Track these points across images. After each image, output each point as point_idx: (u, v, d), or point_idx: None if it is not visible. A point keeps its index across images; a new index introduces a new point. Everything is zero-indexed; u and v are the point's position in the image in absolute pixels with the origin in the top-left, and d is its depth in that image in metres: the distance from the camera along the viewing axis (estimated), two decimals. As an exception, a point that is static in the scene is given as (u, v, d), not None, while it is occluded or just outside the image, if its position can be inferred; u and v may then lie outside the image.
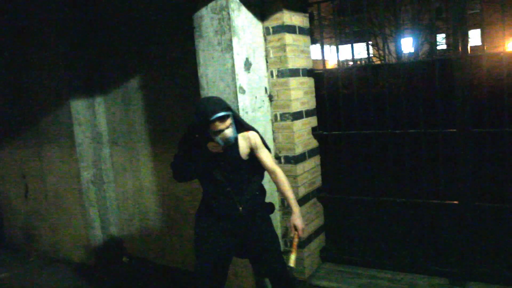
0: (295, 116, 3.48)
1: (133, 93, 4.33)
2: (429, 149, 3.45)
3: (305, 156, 3.61)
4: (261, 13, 3.42)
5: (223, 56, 3.15)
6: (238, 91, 3.12)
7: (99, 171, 4.54)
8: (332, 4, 3.63)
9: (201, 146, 2.60)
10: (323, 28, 3.87)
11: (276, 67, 3.45)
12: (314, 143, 3.77)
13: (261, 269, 2.83)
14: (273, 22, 3.40)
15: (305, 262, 3.60)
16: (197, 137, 2.57)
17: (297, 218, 2.57)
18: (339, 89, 3.69)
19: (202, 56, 3.25)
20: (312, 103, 3.77)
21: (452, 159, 3.32)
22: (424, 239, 3.65)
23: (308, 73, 3.68)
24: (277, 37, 3.40)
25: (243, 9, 3.21)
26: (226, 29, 3.10)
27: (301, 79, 3.59)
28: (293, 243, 2.58)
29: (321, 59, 3.74)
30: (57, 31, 4.33)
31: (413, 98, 3.42)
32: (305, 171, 3.61)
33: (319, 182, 3.87)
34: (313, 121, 3.78)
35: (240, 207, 2.63)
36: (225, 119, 2.43)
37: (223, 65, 3.15)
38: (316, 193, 3.79)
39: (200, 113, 2.44)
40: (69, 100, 4.38)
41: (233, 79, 3.12)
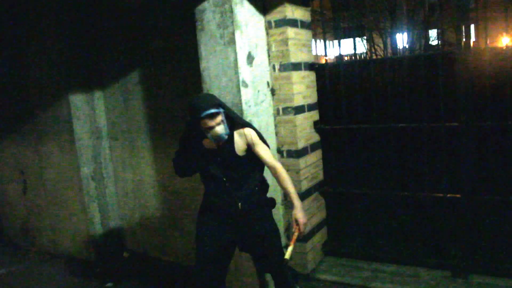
0: (298, 110, 3.47)
1: (133, 87, 4.30)
2: (431, 142, 3.46)
3: (307, 150, 3.60)
4: (263, 7, 3.40)
5: (225, 49, 3.13)
6: (241, 85, 3.11)
7: (99, 166, 4.52)
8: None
9: (198, 142, 2.64)
10: (324, 22, 3.86)
11: (278, 61, 3.44)
12: (316, 137, 3.76)
13: (261, 265, 2.83)
14: (275, 15, 3.39)
15: (307, 256, 3.60)
16: (194, 133, 2.60)
17: (298, 212, 2.56)
18: (340, 83, 3.69)
19: (204, 49, 3.22)
20: (313, 97, 3.77)
21: (454, 152, 3.33)
22: (426, 232, 3.66)
23: (310, 67, 3.67)
24: (279, 31, 3.39)
25: (246, 2, 3.19)
26: (228, 22, 3.08)
27: (303, 73, 3.58)
28: (292, 236, 2.59)
29: (318, 53, 3.73)
30: (56, 24, 4.28)
31: (415, 92, 3.41)
32: (307, 165, 3.61)
33: (321, 176, 3.87)
34: (315, 115, 3.78)
35: (239, 203, 2.65)
36: (215, 116, 2.45)
37: (225, 58, 3.13)
38: (318, 187, 3.79)
39: (191, 110, 2.48)
40: (68, 94, 4.34)
41: (236, 73, 3.10)
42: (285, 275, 2.80)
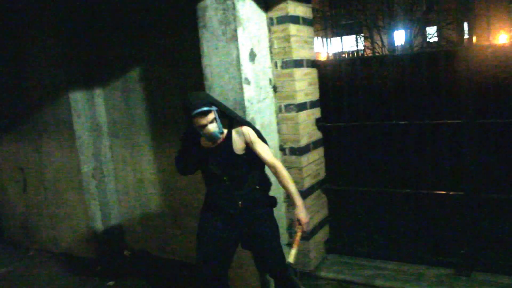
0: (300, 107, 3.46)
1: (133, 85, 4.28)
2: (434, 140, 3.44)
3: (309, 147, 3.59)
4: (265, 3, 3.37)
5: (227, 46, 3.10)
6: (243, 82, 3.08)
7: (99, 163, 4.49)
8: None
9: (197, 141, 2.65)
10: (326, 19, 3.83)
11: (280, 58, 3.42)
12: (318, 135, 3.75)
13: (260, 264, 2.82)
14: (277, 12, 3.36)
15: (310, 253, 3.59)
16: (193, 132, 2.61)
17: (300, 212, 2.56)
18: (342, 81, 3.67)
19: (206, 46, 3.20)
20: (315, 94, 3.75)
21: (457, 150, 3.32)
22: (429, 229, 3.65)
23: (312, 64, 3.65)
24: (282, 27, 3.37)
25: (248, -1, 3.17)
26: (231, 19, 3.06)
27: (305, 70, 3.56)
28: (295, 238, 2.57)
29: (317, 50, 3.71)
30: (56, 21, 4.25)
31: (418, 89, 3.39)
32: (310, 163, 3.59)
33: (323, 173, 3.85)
34: (317, 113, 3.76)
35: (239, 202, 2.65)
36: (206, 114, 2.46)
37: (228, 55, 3.11)
38: (320, 184, 3.78)
39: (184, 109, 2.51)
40: (68, 92, 4.31)
41: (239, 70, 3.08)
42: (284, 275, 2.78)
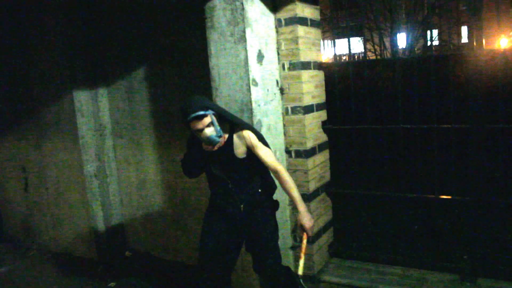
0: (307, 109, 3.43)
1: (138, 85, 4.25)
2: (440, 144, 3.43)
3: (315, 150, 3.56)
4: (273, 4, 3.36)
5: (235, 47, 3.08)
6: (251, 83, 3.06)
7: (102, 163, 4.46)
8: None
9: (199, 145, 2.64)
10: (334, 21, 3.82)
11: (287, 59, 3.40)
12: (323, 137, 3.73)
13: (257, 264, 2.80)
14: (285, 13, 3.34)
15: (314, 257, 3.56)
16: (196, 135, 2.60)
17: (303, 217, 2.53)
18: (349, 83, 3.65)
19: (213, 47, 3.18)
20: (322, 97, 3.73)
21: (463, 154, 3.30)
22: (434, 234, 3.63)
23: (319, 66, 3.63)
24: (290, 29, 3.35)
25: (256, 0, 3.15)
26: (239, 20, 3.04)
27: (312, 72, 3.54)
28: (301, 246, 2.54)
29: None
30: (60, 20, 4.23)
31: (424, 93, 3.38)
32: (315, 166, 3.57)
33: (328, 176, 3.83)
34: (323, 115, 3.74)
35: (241, 205, 2.66)
36: (201, 118, 2.44)
37: (236, 56, 3.09)
38: (325, 187, 3.76)
39: (180, 113, 2.50)
40: (72, 91, 4.29)
41: (246, 71, 3.06)
42: (279, 277, 2.77)
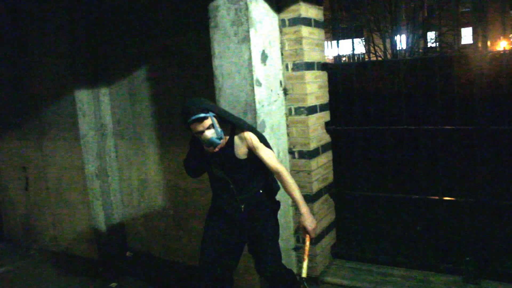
0: (310, 110, 3.42)
1: (140, 84, 4.23)
2: (445, 146, 3.42)
3: (318, 151, 3.55)
4: (277, 5, 3.35)
5: (239, 47, 3.07)
6: (254, 83, 3.05)
7: (103, 163, 4.44)
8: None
9: (201, 145, 2.63)
10: (338, 21, 3.81)
11: (291, 60, 3.38)
12: (327, 138, 3.71)
13: (258, 264, 2.78)
14: (289, 14, 3.33)
15: (316, 258, 3.55)
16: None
17: (305, 219, 2.51)
18: (353, 84, 3.64)
19: (217, 47, 3.16)
20: (325, 98, 3.72)
21: (467, 156, 3.29)
22: (437, 236, 3.62)
23: (322, 67, 3.62)
24: (293, 29, 3.33)
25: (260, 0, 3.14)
26: (243, 20, 3.02)
27: (316, 73, 3.53)
28: (304, 249, 2.53)
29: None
30: (62, 19, 4.21)
31: (429, 94, 3.36)
32: (319, 167, 3.56)
33: (331, 177, 3.82)
34: (326, 116, 3.73)
35: (242, 206, 2.65)
36: (202, 120, 2.43)
37: (239, 57, 3.08)
38: (328, 189, 3.74)
39: (181, 115, 2.49)
40: (73, 91, 4.27)
41: (250, 72, 3.04)
42: (278, 277, 2.76)
